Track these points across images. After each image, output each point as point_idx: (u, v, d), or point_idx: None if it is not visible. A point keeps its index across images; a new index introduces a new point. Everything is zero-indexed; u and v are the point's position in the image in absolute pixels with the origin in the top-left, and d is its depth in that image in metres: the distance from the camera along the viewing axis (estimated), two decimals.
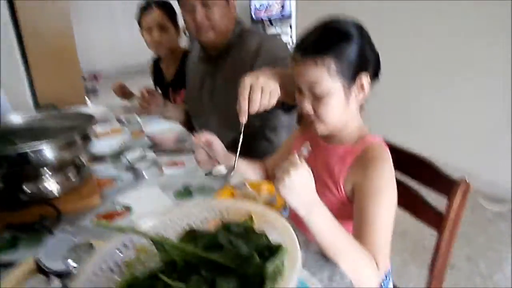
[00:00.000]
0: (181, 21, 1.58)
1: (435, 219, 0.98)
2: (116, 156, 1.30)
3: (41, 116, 1.18)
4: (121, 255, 0.53)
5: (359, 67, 0.85)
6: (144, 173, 1.17)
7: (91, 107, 1.73)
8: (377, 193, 0.82)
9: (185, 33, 1.84)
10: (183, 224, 0.60)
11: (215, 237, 0.52)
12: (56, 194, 1.01)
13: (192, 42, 1.66)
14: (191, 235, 0.55)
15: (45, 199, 0.98)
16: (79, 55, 3.51)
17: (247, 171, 1.09)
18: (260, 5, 7.47)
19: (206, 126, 1.53)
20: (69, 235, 0.81)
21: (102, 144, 1.28)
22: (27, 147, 0.91)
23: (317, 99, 0.86)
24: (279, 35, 7.47)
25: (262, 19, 7.47)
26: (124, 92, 1.97)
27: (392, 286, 0.99)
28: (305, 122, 1.10)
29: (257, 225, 0.54)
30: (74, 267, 0.71)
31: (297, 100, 0.91)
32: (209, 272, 0.49)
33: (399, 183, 1.05)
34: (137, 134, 1.52)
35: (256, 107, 0.89)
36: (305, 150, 0.75)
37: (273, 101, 0.91)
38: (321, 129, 0.91)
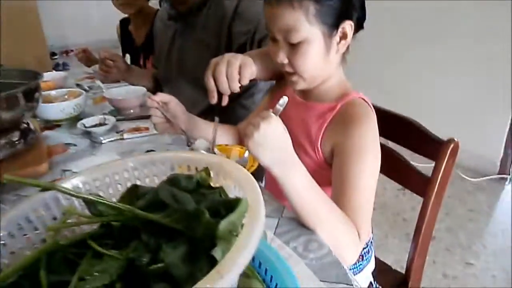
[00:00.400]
0: None
1: (420, 184, 0.90)
2: (72, 122, 1.17)
3: None
4: (42, 218, 0.42)
5: (342, 12, 0.73)
6: (102, 139, 1.05)
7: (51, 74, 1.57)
8: (360, 153, 0.73)
9: (160, 4, 1.70)
10: (125, 182, 0.49)
11: (158, 193, 0.41)
12: None
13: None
14: (133, 193, 0.45)
15: None
16: (50, 31, 3.26)
17: (220, 136, 0.98)
18: None
19: (177, 92, 1.41)
20: (5, 206, 0.69)
21: (56, 109, 1.15)
22: None
23: (293, 48, 0.75)
24: None
25: None
26: (88, 58, 1.81)
27: (373, 256, 0.92)
28: (279, 82, 0.99)
29: (215, 180, 0.44)
30: None
31: (270, 50, 0.80)
32: (151, 236, 0.39)
33: (382, 147, 0.97)
34: (99, 100, 1.38)
35: (223, 82, 0.76)
36: (282, 102, 0.64)
37: (247, 73, 0.77)
38: (298, 83, 0.80)
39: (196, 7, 1.29)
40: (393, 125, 0.95)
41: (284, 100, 0.65)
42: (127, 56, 1.91)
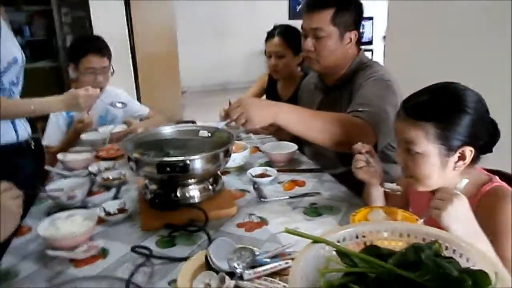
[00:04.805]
0: None
1: None
2: (240, 170, 1.41)
3: (183, 128, 1.32)
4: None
5: (465, 140, 0.85)
6: (269, 189, 1.25)
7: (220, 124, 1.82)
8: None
9: (301, 67, 1.95)
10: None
11: (405, 255, 0.56)
12: (198, 201, 1.12)
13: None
14: (372, 251, 0.60)
15: (192, 204, 1.09)
16: None
17: (378, 198, 1.11)
18: None
19: (319, 153, 1.56)
20: (228, 239, 0.89)
21: (230, 159, 1.38)
22: (186, 158, 1.03)
23: (411, 157, 0.89)
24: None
25: None
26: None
27: None
28: None
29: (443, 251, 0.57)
30: (238, 268, 0.80)
31: (397, 153, 0.96)
32: None
33: None
34: (252, 151, 1.62)
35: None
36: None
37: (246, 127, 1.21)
38: (416, 187, 0.93)
39: (342, 82, 1.44)
40: None
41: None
42: None
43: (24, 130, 1.59)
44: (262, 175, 1.34)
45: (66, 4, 3.56)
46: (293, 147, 1.51)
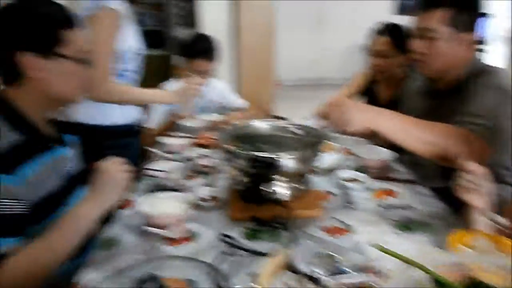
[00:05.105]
0: None
1: None
2: (329, 171, 1.38)
3: (277, 124, 1.33)
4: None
5: None
6: (357, 195, 1.20)
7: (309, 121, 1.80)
8: None
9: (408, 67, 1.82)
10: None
11: None
12: (284, 198, 1.12)
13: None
14: (475, 286, 0.54)
15: (278, 201, 1.11)
16: None
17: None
18: None
19: (417, 162, 1.44)
20: (311, 243, 0.89)
21: (322, 158, 1.35)
22: (278, 155, 1.05)
23: None
24: None
25: None
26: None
27: None
28: None
29: None
30: (320, 273, 0.78)
31: None
32: None
33: None
34: (346, 153, 1.57)
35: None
36: None
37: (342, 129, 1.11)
38: None
39: (452, 89, 1.29)
40: None
41: None
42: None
43: (133, 113, 1.75)
44: (352, 180, 1.30)
45: None
46: (389, 154, 1.43)
